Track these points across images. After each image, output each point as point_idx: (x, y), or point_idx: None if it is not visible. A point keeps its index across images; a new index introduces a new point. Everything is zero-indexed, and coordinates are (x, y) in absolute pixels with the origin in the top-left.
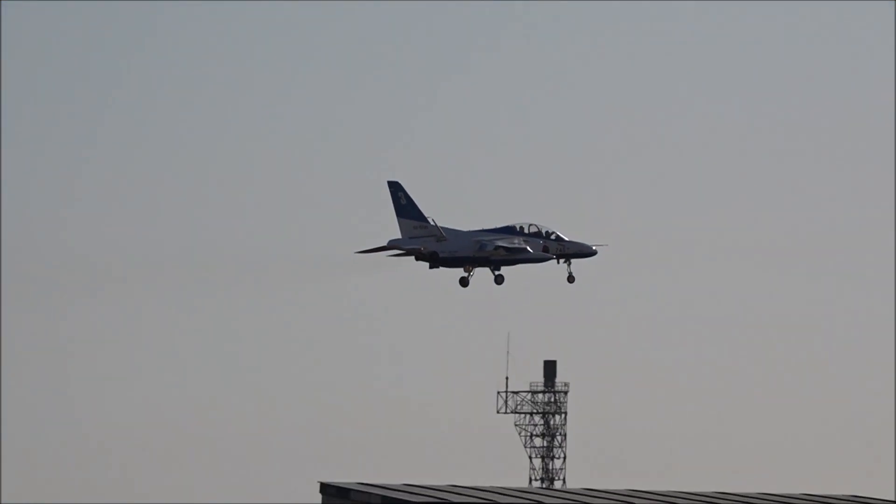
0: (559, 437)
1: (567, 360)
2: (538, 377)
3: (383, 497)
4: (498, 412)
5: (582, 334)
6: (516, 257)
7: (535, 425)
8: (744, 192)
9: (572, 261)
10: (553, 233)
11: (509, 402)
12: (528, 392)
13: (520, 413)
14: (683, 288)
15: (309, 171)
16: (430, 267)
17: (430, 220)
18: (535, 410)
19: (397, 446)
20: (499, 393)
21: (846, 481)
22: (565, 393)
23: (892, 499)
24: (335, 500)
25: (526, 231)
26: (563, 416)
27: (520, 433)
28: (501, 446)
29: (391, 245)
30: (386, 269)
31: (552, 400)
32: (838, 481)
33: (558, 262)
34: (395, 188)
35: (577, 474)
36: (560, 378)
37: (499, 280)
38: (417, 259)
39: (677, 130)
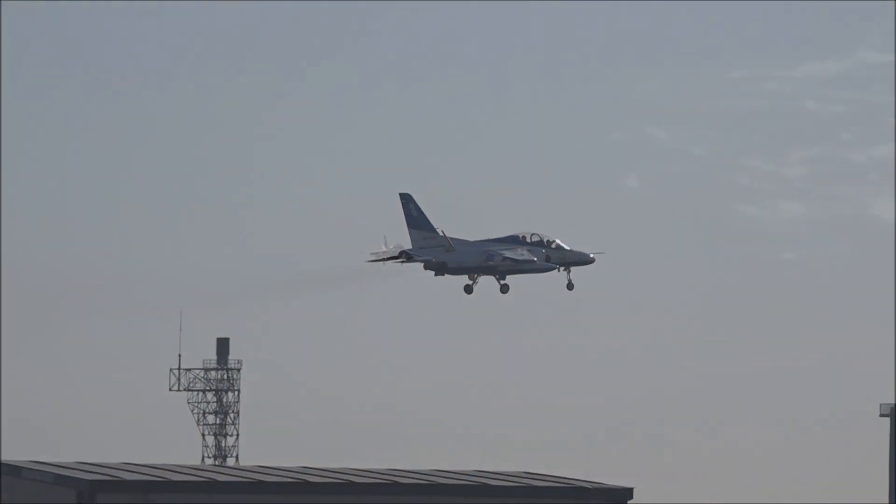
0: (232, 415)
1: (240, 338)
2: (211, 354)
3: (56, 475)
4: (171, 389)
5: (256, 311)
6: (522, 268)
7: (208, 402)
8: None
9: (571, 268)
10: (553, 241)
11: (182, 380)
12: (201, 369)
13: (193, 390)
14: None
15: (326, 185)
16: (436, 274)
17: (439, 230)
18: (207, 388)
19: (71, 424)
20: (171, 370)
21: (519, 457)
22: (238, 370)
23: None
24: (8, 478)
25: (528, 240)
26: (236, 393)
27: (193, 410)
28: (174, 423)
29: (402, 255)
30: (393, 277)
31: (225, 377)
32: (507, 456)
33: (559, 271)
34: (407, 200)
35: (250, 451)
36: (233, 355)
37: (504, 289)
38: (426, 268)
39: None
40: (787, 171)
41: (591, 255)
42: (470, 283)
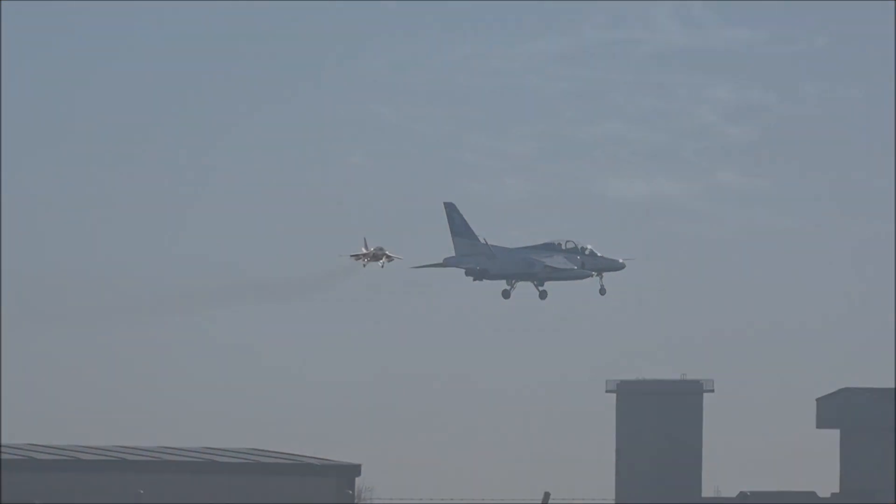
0: None
1: None
2: None
3: None
4: None
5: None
6: (561, 275)
7: None
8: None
9: (604, 274)
10: (587, 248)
11: None
12: None
13: None
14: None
15: (376, 195)
16: (474, 280)
17: (481, 239)
18: None
19: None
20: None
21: (249, 434)
22: None
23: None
24: None
25: (563, 247)
26: None
27: None
28: None
29: (447, 263)
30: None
31: None
32: (238, 433)
33: (593, 276)
34: (451, 209)
35: None
36: None
37: (543, 295)
38: (468, 274)
39: None
40: (511, 147)
41: (622, 261)
42: (507, 288)
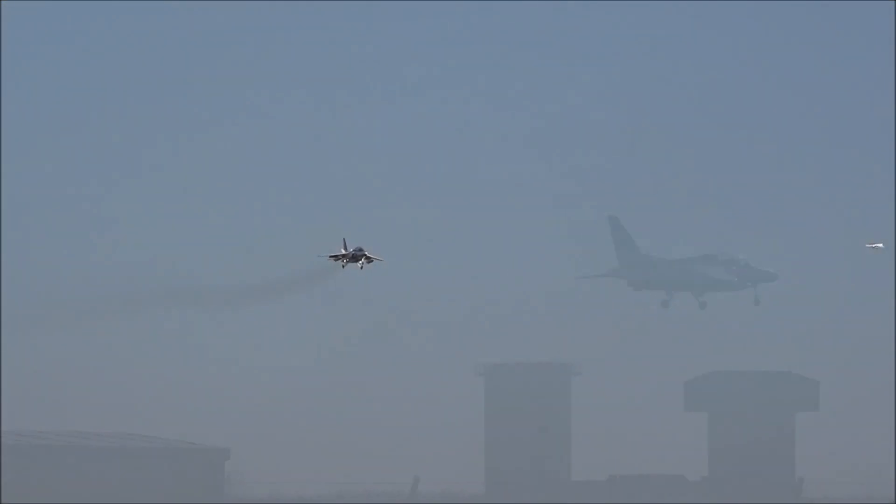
0: None
1: None
2: None
3: None
4: None
5: None
6: (721, 287)
7: None
8: None
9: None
10: (742, 259)
11: None
12: None
13: None
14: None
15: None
16: (636, 290)
17: (643, 251)
18: None
19: None
20: None
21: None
22: None
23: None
24: None
25: (721, 259)
26: None
27: None
28: None
29: (611, 273)
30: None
31: None
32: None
33: (748, 287)
34: (615, 223)
35: None
36: None
37: (702, 305)
38: (630, 285)
39: None
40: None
41: (773, 272)
42: (667, 298)
